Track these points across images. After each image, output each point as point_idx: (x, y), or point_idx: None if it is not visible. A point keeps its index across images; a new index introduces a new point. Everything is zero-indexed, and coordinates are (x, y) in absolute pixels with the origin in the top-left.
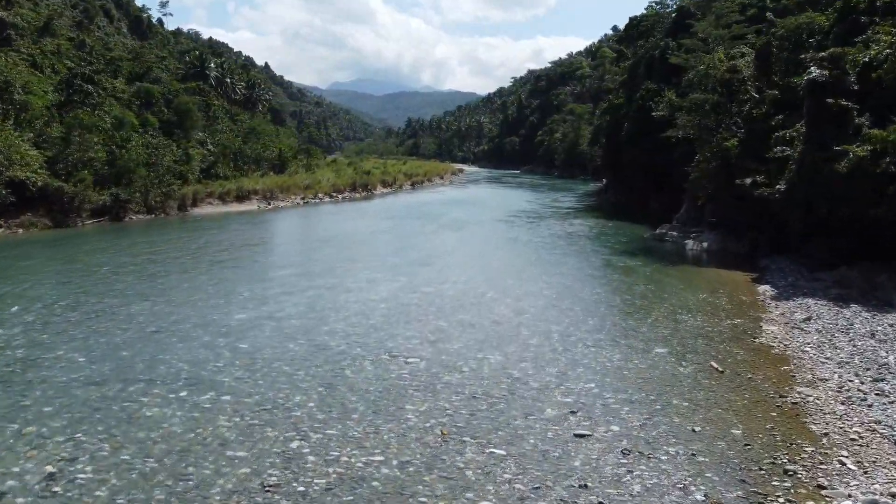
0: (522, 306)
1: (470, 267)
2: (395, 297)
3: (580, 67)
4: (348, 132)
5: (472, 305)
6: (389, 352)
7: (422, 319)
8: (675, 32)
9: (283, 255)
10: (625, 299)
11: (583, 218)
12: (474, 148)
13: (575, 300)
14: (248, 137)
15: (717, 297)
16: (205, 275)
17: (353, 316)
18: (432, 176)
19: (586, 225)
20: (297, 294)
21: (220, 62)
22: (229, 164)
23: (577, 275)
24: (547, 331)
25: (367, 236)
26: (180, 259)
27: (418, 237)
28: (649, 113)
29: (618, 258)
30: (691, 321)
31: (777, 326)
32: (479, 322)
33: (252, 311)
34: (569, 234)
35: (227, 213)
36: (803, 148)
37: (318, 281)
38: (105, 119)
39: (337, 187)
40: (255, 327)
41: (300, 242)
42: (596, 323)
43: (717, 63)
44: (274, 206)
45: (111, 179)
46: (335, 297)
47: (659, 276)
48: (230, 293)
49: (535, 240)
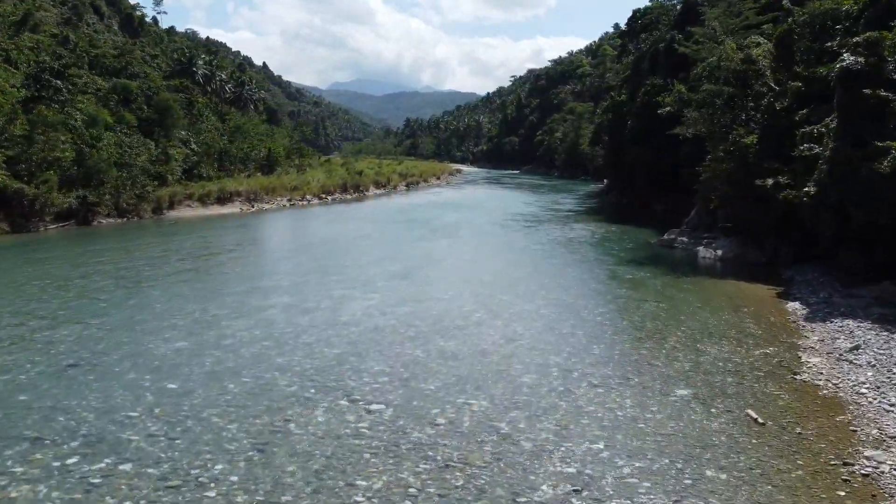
0: (516, 330)
1: (457, 280)
2: (366, 318)
3: (581, 66)
4: (347, 132)
5: (457, 329)
6: (350, 395)
7: (395, 348)
8: (682, 24)
9: (250, 264)
10: (634, 321)
11: (584, 221)
12: (473, 148)
13: (577, 322)
14: (234, 136)
15: (741, 317)
16: (158, 289)
17: (314, 344)
18: (428, 176)
19: (588, 229)
20: (254, 315)
21: (208, 59)
22: (213, 165)
23: (578, 289)
24: (544, 364)
25: (348, 243)
26: (136, 269)
27: (403, 244)
28: (654, 109)
29: (624, 268)
30: (715, 350)
31: (819, 358)
32: (464, 352)
33: (196, 337)
34: (569, 241)
35: (207, 217)
36: (836, 145)
37: (282, 298)
38: (75, 116)
39: (327, 188)
40: (195, 359)
41: (273, 250)
42: (602, 353)
43: (730, 53)
44: (257, 208)
45: (80, 181)
46: (297, 319)
47: (671, 291)
48: (178, 313)
49: (532, 247)
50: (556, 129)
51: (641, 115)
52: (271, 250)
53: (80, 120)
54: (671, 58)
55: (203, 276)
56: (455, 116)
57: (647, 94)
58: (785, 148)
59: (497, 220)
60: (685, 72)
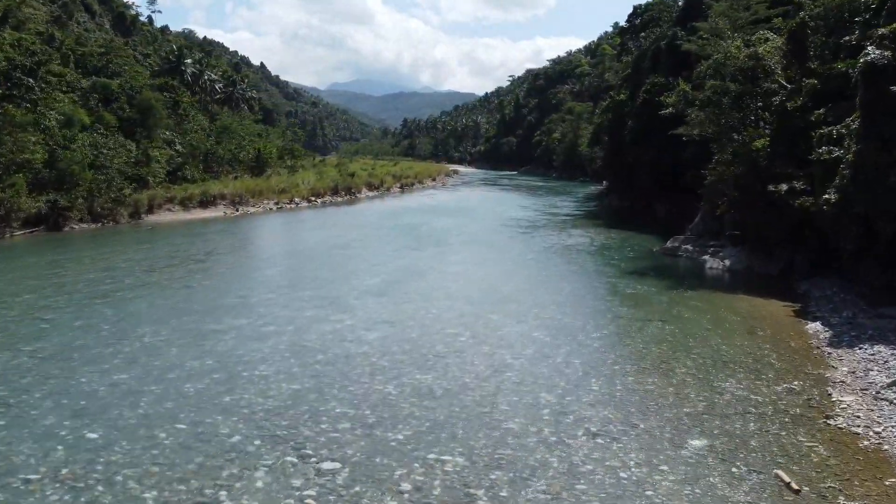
0: (504, 359)
1: (441, 297)
2: (335, 343)
3: (579, 65)
4: (345, 133)
5: (436, 358)
6: (301, 448)
7: (363, 383)
8: (685, 21)
9: (219, 276)
10: (638, 348)
11: (583, 227)
12: (471, 148)
13: (573, 348)
14: (222, 137)
15: (757, 341)
16: (112, 307)
17: (272, 377)
18: (423, 178)
19: (587, 236)
20: (210, 339)
21: (197, 58)
22: (198, 166)
23: (576, 307)
24: (534, 404)
25: (327, 252)
26: (95, 282)
27: (386, 254)
28: (656, 109)
29: (625, 281)
30: (731, 385)
31: (853, 395)
32: (441, 388)
33: (138, 369)
34: (567, 249)
35: (188, 221)
36: (859, 147)
37: (245, 319)
38: (49, 116)
39: (317, 191)
40: (130, 398)
41: (247, 260)
42: (602, 389)
43: (734, 51)
44: (242, 212)
45: (51, 184)
46: (257, 346)
47: (678, 309)
48: (126, 337)
49: (526, 256)
50: (554, 129)
51: (642, 114)
52: (244, 260)
53: (54, 120)
54: (673, 55)
55: (165, 291)
56: (453, 117)
57: (648, 93)
58: (799, 150)
59: (490, 226)
60: (688, 70)
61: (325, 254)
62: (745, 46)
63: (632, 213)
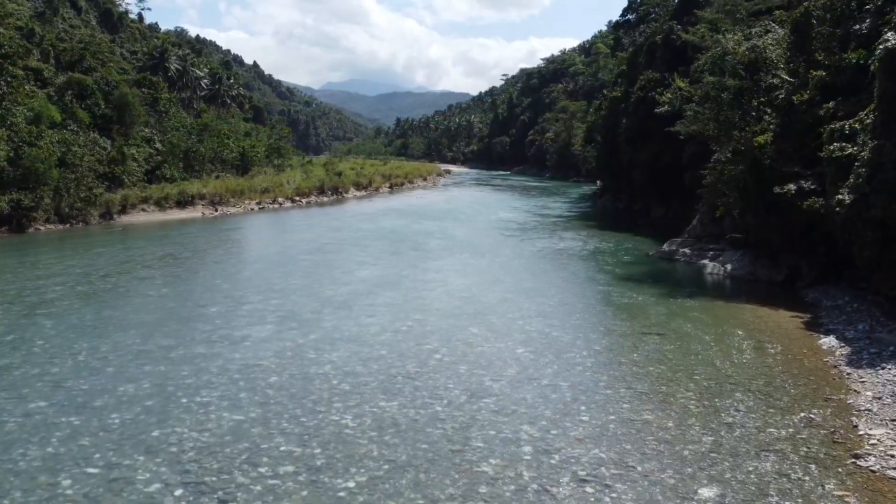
0: (482, 382)
1: (418, 308)
2: (293, 363)
3: (574, 64)
4: (339, 132)
5: (405, 381)
6: (228, 502)
7: (318, 412)
8: (682, 14)
9: (180, 283)
10: (634, 368)
11: (575, 229)
12: (464, 148)
13: (561, 368)
14: (203, 135)
15: (767, 359)
16: (53, 317)
17: (213, 404)
18: (414, 178)
19: (579, 239)
20: (152, 358)
21: (182, 54)
22: (178, 165)
23: (565, 320)
24: (514, 439)
25: (299, 258)
26: (43, 289)
27: (361, 260)
28: (652, 106)
29: (619, 289)
30: (741, 416)
31: (883, 429)
32: (408, 418)
33: (63, 393)
34: (557, 254)
35: (164, 222)
36: (877, 144)
37: (193, 333)
38: (15, 111)
39: (302, 190)
40: (42, 431)
41: (214, 265)
42: (592, 419)
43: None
44: (222, 212)
45: (15, 182)
46: (203, 365)
47: (677, 321)
48: (60, 354)
49: (514, 263)
50: (547, 128)
51: (637, 112)
52: (212, 265)
53: (21, 115)
54: (670, 50)
55: (117, 300)
56: (446, 116)
57: (643, 90)
58: (807, 147)
59: (477, 229)
60: (685, 65)
61: (298, 259)
62: (745, 40)
63: (627, 215)
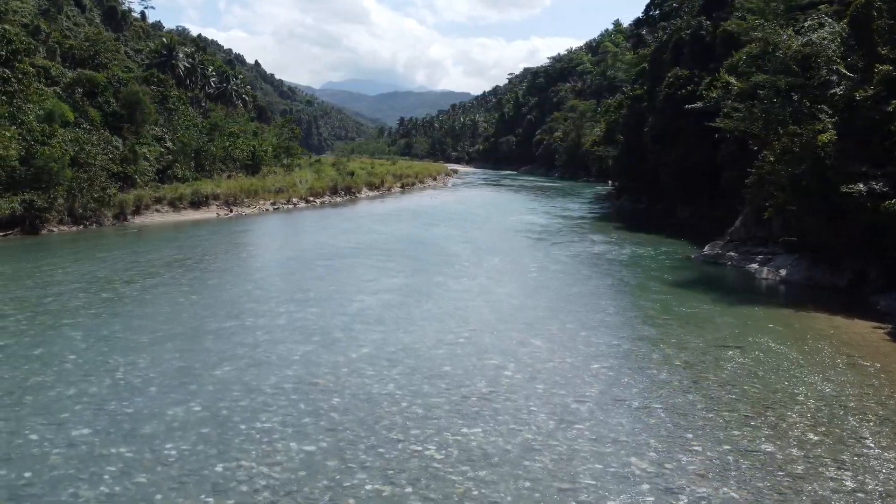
0: (567, 404)
1: (461, 319)
2: (352, 381)
3: (581, 63)
4: (340, 132)
5: (481, 402)
6: None
7: (394, 443)
8: (709, 10)
9: (209, 290)
10: (729, 390)
11: (603, 232)
12: (469, 148)
13: (646, 387)
14: (213, 134)
15: (868, 378)
16: (81, 329)
17: (275, 433)
18: (423, 177)
19: (612, 242)
20: (197, 376)
21: (190, 52)
22: (189, 165)
23: (630, 331)
24: (626, 475)
25: (317, 265)
26: (63, 298)
27: (383, 266)
28: (681, 104)
29: (673, 296)
30: (873, 450)
31: None
32: (497, 448)
33: (104, 421)
34: (595, 258)
35: (179, 223)
36: None
37: (236, 347)
38: (26, 109)
39: (315, 190)
40: (90, 467)
41: (240, 269)
42: (707, 451)
43: (785, 41)
44: (237, 213)
45: (27, 183)
46: (254, 385)
47: (751, 333)
48: (94, 371)
49: (552, 268)
50: (556, 128)
51: (665, 110)
52: (238, 269)
53: (33, 114)
54: (698, 46)
55: (146, 308)
56: (450, 115)
57: (671, 87)
58: (872, 146)
59: (501, 232)
60: (715, 61)
61: (321, 264)
62: (796, 34)
63: (650, 216)
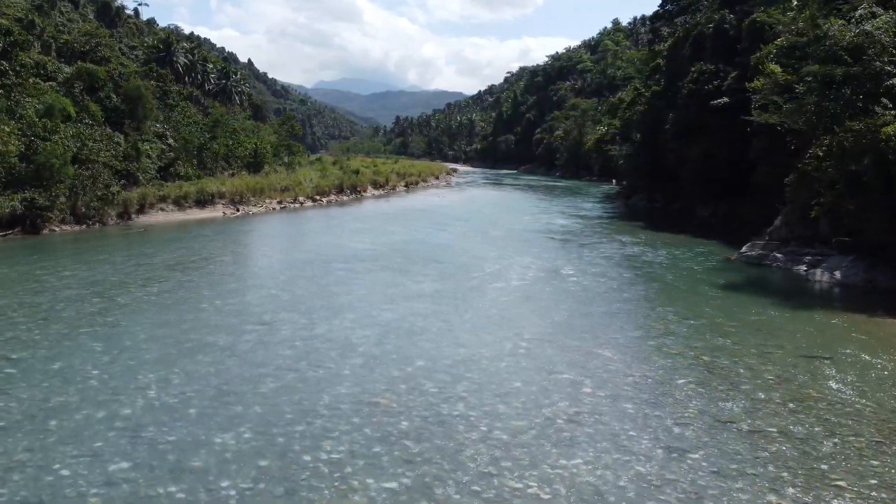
0: (672, 432)
1: (514, 328)
2: (417, 400)
3: (581, 61)
4: (334, 131)
5: (571, 426)
6: None
7: (488, 479)
8: (732, 3)
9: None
10: (847, 413)
11: (628, 233)
12: (466, 147)
13: (753, 407)
14: (215, 131)
15: None
16: (101, 340)
17: (345, 465)
18: (427, 176)
19: (642, 243)
20: (241, 393)
21: (190, 47)
22: (192, 162)
23: (706, 339)
24: None
25: (337, 268)
26: (77, 304)
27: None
28: (706, 99)
29: (731, 301)
30: None
31: None
32: (612, 486)
33: (144, 452)
34: (631, 260)
35: (183, 222)
36: None
37: (278, 358)
38: (25, 104)
39: (321, 189)
40: None
41: (259, 270)
42: (860, 494)
43: (839, 31)
44: (243, 212)
45: (28, 180)
46: (309, 405)
47: (833, 342)
48: (123, 389)
49: (592, 270)
50: (556, 126)
51: (689, 106)
52: (254, 271)
53: (32, 108)
54: (721, 40)
55: (168, 314)
56: (446, 114)
57: (695, 82)
58: None
59: (519, 232)
60: (740, 55)
61: (341, 268)
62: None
63: (667, 216)
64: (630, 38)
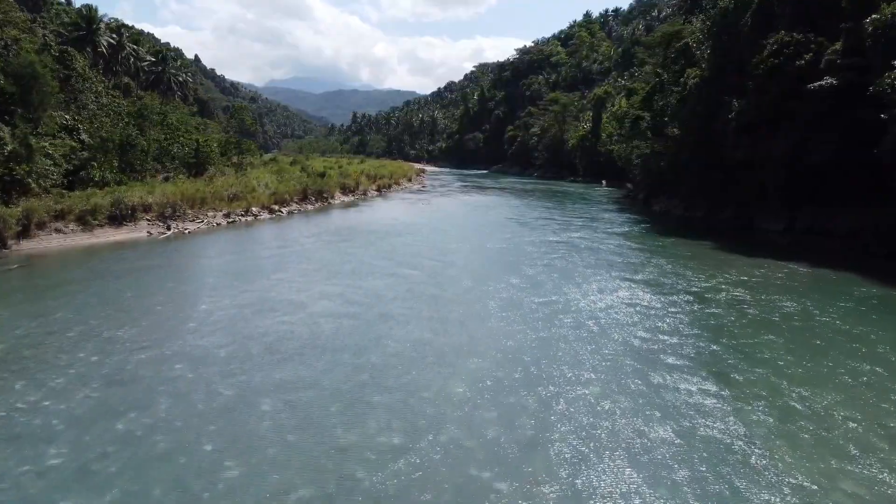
0: None
1: None
2: None
3: (556, 54)
4: (286, 130)
5: None
6: None
7: None
8: None
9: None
10: None
11: (689, 247)
12: (428, 146)
13: None
14: (142, 124)
15: None
16: None
17: None
18: (399, 178)
19: (725, 269)
20: None
21: (116, 26)
22: (112, 164)
23: None
24: None
25: (340, 315)
26: None
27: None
28: (796, 80)
29: None
30: None
31: None
32: None
33: None
34: (779, 315)
35: (91, 248)
36: None
37: None
38: None
39: (280, 197)
40: None
41: (131, 358)
42: None
43: None
44: (177, 230)
45: None
46: None
47: None
48: None
49: (695, 308)
50: (531, 123)
51: (767, 89)
52: (148, 362)
53: None
54: (808, 2)
55: None
56: (406, 112)
57: (776, 56)
58: None
59: (546, 256)
60: (834, 19)
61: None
62: None
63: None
64: (604, 30)
